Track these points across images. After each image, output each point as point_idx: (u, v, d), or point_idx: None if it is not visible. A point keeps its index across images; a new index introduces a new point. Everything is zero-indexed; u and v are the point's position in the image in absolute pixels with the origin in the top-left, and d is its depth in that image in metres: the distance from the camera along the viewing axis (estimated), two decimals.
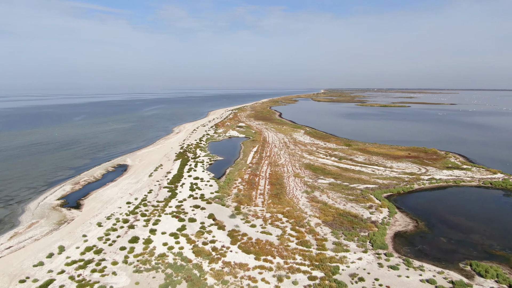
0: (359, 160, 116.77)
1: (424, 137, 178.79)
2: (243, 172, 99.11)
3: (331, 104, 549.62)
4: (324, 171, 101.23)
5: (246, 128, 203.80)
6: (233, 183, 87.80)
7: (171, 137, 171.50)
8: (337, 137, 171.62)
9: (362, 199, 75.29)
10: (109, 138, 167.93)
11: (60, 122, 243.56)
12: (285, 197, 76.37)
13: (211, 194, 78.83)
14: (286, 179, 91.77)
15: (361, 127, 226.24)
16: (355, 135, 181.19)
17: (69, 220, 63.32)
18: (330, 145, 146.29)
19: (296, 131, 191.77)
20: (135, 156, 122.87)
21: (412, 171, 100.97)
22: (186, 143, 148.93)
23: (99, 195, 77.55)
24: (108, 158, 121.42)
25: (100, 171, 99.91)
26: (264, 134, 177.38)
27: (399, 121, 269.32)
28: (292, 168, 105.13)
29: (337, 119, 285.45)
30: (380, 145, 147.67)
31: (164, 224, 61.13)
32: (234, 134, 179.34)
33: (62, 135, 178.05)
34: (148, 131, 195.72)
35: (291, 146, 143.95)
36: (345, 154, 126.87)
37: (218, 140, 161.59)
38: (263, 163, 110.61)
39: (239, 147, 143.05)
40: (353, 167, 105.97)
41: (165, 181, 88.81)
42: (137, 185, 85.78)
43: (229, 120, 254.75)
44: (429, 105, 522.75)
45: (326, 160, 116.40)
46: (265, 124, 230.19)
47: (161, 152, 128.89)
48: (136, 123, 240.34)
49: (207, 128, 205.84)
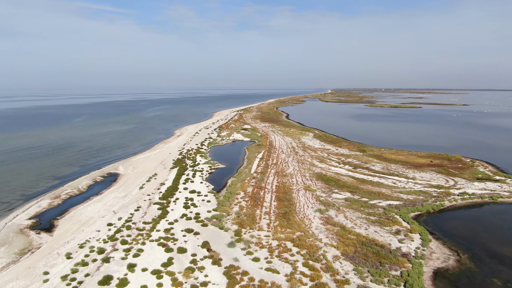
0: (376, 169, 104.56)
1: (443, 142, 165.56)
2: (246, 183, 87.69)
3: (339, 104, 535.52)
4: (338, 182, 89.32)
5: (251, 131, 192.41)
6: (234, 197, 76.44)
7: (171, 140, 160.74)
8: (349, 142, 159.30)
9: (387, 221, 63.32)
10: (106, 142, 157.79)
11: (58, 124, 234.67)
12: (294, 218, 64.74)
13: (208, 212, 67.54)
14: (295, 193, 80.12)
15: (373, 130, 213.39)
16: (368, 139, 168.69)
17: (35, 248, 52.53)
18: (342, 151, 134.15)
19: (304, 134, 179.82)
20: (129, 163, 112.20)
21: (439, 183, 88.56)
22: (186, 148, 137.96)
23: (77, 214, 66.71)
24: (99, 165, 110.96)
25: (86, 182, 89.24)
26: (271, 138, 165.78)
27: (413, 123, 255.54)
28: (302, 178, 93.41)
29: (347, 121, 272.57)
30: (397, 150, 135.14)
31: (147, 256, 49.95)
32: (239, 138, 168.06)
33: (57, 138, 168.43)
34: (148, 134, 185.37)
35: (300, 151, 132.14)
36: (360, 161, 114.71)
37: (220, 145, 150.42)
38: (269, 173, 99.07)
39: (243, 153, 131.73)
40: (370, 178, 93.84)
41: (156, 195, 77.75)
42: (124, 200, 74.83)
43: (234, 122, 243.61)
44: (440, 106, 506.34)
45: (339, 169, 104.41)
46: (272, 126, 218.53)
47: (158, 159, 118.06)
48: (137, 125, 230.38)
49: (210, 130, 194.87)
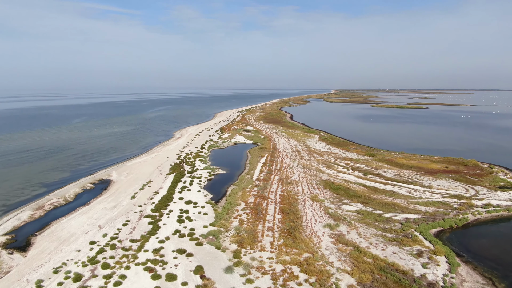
0: (388, 175, 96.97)
1: (456, 145, 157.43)
2: (247, 192, 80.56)
3: (344, 105, 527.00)
4: (348, 191, 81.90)
5: (254, 133, 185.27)
6: (234, 209, 69.32)
7: (170, 143, 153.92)
8: (357, 145, 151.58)
9: (406, 239, 55.88)
10: (102, 145, 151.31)
11: (57, 125, 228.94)
12: (301, 235, 57.49)
13: (204, 228, 60.43)
14: (301, 204, 72.87)
15: (381, 132, 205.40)
16: (376, 142, 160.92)
17: (3, 273, 45.72)
18: (350, 155, 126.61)
19: (309, 137, 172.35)
20: (123, 168, 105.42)
21: (458, 193, 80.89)
22: (185, 152, 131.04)
23: (59, 229, 59.90)
24: (92, 170, 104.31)
25: (75, 190, 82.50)
26: (274, 140, 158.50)
27: (421, 125, 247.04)
28: (308, 186, 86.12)
29: (353, 122, 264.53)
30: (408, 155, 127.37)
31: (131, 284, 42.87)
32: (241, 140, 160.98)
33: (52, 140, 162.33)
34: (147, 136, 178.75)
35: (305, 155, 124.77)
36: (370, 167, 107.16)
37: (222, 148, 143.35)
38: (272, 180, 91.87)
39: (245, 157, 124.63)
40: (383, 186, 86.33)
41: (149, 207, 70.77)
42: (113, 212, 67.93)
43: (237, 123, 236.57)
44: (447, 106, 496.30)
45: (348, 176, 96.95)
46: (275, 127, 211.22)
47: (154, 163, 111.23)
48: (137, 126, 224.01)
49: (211, 132, 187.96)
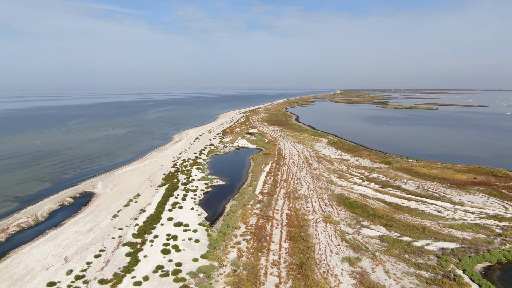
0: (410, 188, 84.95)
1: (477, 150, 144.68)
2: (249, 210, 69.10)
3: (350, 105, 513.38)
4: (366, 209, 70.09)
5: (258, 136, 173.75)
6: (232, 234, 57.90)
7: (167, 147, 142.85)
8: (369, 150, 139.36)
9: (448, 281, 44.00)
10: (94, 149, 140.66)
11: (52, 126, 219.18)
12: (314, 274, 45.78)
13: (194, 262, 48.97)
14: (312, 227, 61.24)
15: (393, 135, 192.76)
16: (390, 147, 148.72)
17: None
18: (363, 162, 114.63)
19: (317, 141, 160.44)
20: (111, 178, 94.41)
21: (497, 212, 68.73)
22: (182, 158, 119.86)
23: (16, 262, 48.86)
24: (76, 180, 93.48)
25: (50, 206, 71.55)
26: (280, 145, 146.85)
27: (435, 127, 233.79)
28: (319, 202, 74.46)
29: (363, 124, 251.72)
30: (427, 162, 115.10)
31: None
32: (243, 144, 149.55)
33: (43, 144, 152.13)
34: (143, 140, 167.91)
35: (314, 163, 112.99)
36: (388, 177, 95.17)
37: (222, 153, 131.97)
38: (278, 193, 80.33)
39: (247, 164, 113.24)
40: (406, 203, 74.37)
41: (131, 230, 59.50)
42: (87, 237, 56.79)
43: (240, 125, 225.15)
44: (457, 107, 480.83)
45: (364, 189, 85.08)
46: (281, 130, 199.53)
47: (146, 172, 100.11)
48: (135, 128, 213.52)
49: (212, 135, 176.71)
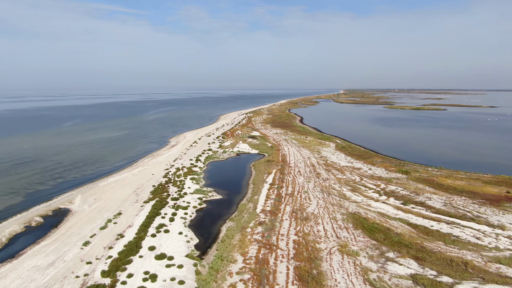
0: (436, 205, 73.11)
1: (501, 157, 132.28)
2: (248, 235, 57.64)
3: (355, 106, 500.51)
4: (389, 235, 58.37)
5: (260, 140, 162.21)
6: (226, 271, 46.46)
7: (161, 153, 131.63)
8: (382, 156, 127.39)
9: None
10: (83, 154, 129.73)
11: (45, 128, 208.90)
12: None
13: None
14: (326, 261, 49.70)
15: (405, 139, 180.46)
16: (403, 152, 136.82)
17: None
18: (377, 171, 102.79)
19: (324, 145, 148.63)
20: (94, 190, 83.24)
21: None
22: (176, 166, 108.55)
23: None
24: (54, 193, 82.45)
25: (13, 228, 60.39)
26: (284, 150, 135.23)
27: (447, 130, 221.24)
28: (332, 224, 62.88)
29: (371, 126, 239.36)
30: (449, 171, 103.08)
31: None
32: (245, 149, 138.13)
33: (29, 148, 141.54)
34: (138, 144, 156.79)
35: (323, 172, 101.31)
36: (408, 190, 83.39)
37: (221, 160, 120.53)
38: (282, 212, 68.82)
39: (248, 173, 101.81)
40: (435, 225, 62.56)
41: (101, 265, 48.15)
42: (45, 274, 45.48)
43: (241, 127, 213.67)
44: (466, 108, 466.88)
45: (383, 205, 73.39)
46: (285, 133, 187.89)
47: (134, 183, 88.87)
48: (131, 131, 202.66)
49: (211, 139, 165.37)
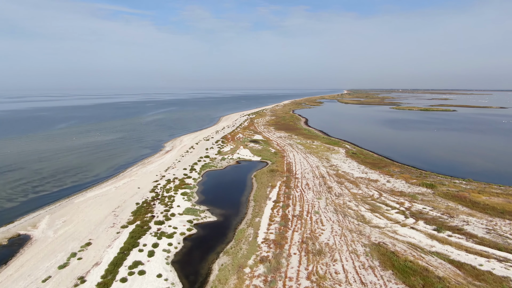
0: (477, 232, 59.57)
1: None
2: (246, 280, 44.40)
3: (361, 107, 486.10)
4: (428, 280, 44.75)
5: (263, 145, 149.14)
6: None
7: (153, 160, 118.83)
8: (399, 165, 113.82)
9: None
10: (67, 162, 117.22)
11: (35, 131, 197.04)
12: None
13: None
14: None
15: (420, 143, 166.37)
16: (422, 160, 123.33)
17: None
18: (397, 184, 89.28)
19: (333, 151, 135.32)
20: (66, 209, 70.46)
21: None
22: (167, 176, 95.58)
23: None
24: (19, 212, 69.82)
25: None
26: (289, 157, 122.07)
27: (462, 133, 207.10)
28: (353, 262, 49.63)
29: (380, 129, 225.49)
30: (481, 185, 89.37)
31: None
32: (246, 156, 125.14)
33: (11, 154, 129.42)
34: (129, 149, 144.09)
35: (335, 185, 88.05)
36: (438, 210, 69.93)
37: (219, 169, 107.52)
38: (290, 242, 55.65)
39: (248, 186, 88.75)
40: (484, 263, 49.01)
41: None
42: None
43: (243, 130, 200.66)
44: (476, 108, 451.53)
45: (412, 232, 59.98)
46: (289, 136, 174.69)
47: (115, 200, 75.98)
48: (125, 134, 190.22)
49: (210, 143, 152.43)
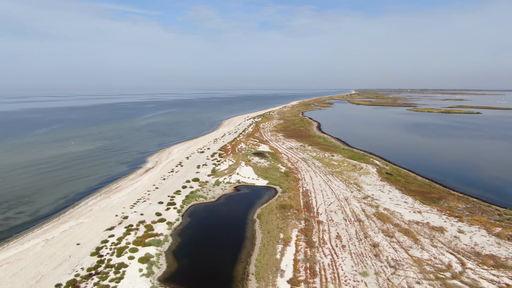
0: None
1: None
2: None
3: (374, 108, 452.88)
4: None
5: (270, 160, 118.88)
6: None
7: (124, 186, 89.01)
8: (459, 195, 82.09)
9: None
10: (7, 186, 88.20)
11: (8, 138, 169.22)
12: None
13: None
14: None
15: (467, 157, 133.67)
16: (483, 185, 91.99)
17: None
18: (476, 237, 58.11)
19: (362, 171, 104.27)
20: None
21: None
22: (131, 218, 65.56)
23: None
24: None
25: None
26: (305, 181, 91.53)
27: (508, 142, 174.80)
28: None
29: (407, 136, 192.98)
30: None
31: None
32: (247, 177, 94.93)
33: None
34: (102, 165, 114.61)
35: (381, 240, 57.32)
36: None
37: (209, 201, 77.26)
38: None
39: (249, 238, 58.35)
40: None
41: None
42: None
43: (246, 137, 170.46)
44: (501, 110, 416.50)
45: None
46: (302, 147, 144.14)
47: (27, 274, 46.34)
48: (109, 142, 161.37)
49: (204, 157, 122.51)
